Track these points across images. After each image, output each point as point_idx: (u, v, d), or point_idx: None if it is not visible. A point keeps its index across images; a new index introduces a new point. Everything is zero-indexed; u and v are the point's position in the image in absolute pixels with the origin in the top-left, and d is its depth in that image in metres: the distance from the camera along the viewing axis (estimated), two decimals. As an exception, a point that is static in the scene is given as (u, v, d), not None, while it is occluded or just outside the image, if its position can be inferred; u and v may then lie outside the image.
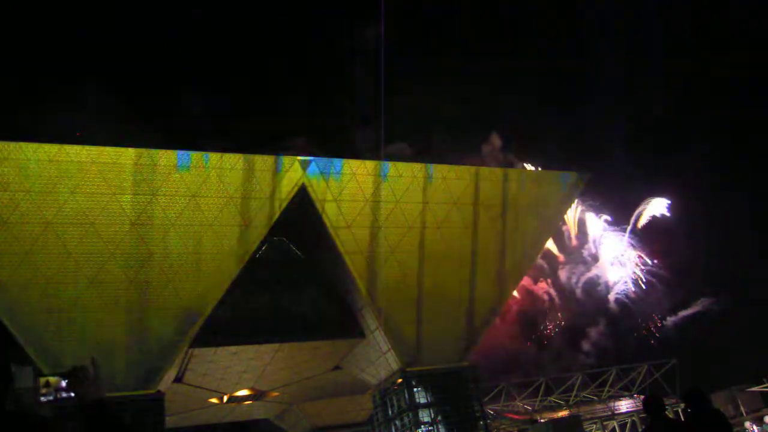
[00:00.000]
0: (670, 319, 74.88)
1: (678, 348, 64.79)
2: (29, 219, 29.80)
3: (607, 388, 60.33)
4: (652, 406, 8.37)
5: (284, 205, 34.72)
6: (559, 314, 75.41)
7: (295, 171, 34.87)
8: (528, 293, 74.49)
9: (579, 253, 75.00)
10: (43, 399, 3.19)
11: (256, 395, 47.93)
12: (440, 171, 38.41)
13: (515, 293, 62.11)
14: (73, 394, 3.21)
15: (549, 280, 74.86)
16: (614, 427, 62.54)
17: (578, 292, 75.94)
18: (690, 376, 57.70)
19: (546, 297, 75.09)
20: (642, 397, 50.35)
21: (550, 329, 74.70)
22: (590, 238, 74.67)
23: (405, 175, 37.47)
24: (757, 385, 53.80)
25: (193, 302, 33.43)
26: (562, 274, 76.66)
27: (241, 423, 56.34)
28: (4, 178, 29.24)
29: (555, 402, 59.74)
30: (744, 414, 54.17)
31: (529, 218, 41.24)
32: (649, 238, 75.65)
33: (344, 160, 36.53)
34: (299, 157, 35.22)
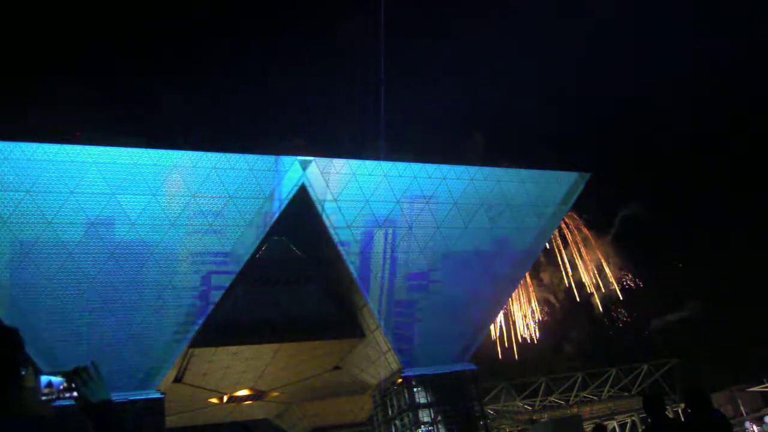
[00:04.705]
0: (661, 322, 74.93)
1: (678, 348, 64.85)
2: (29, 219, 29.79)
3: (607, 388, 60.34)
4: (652, 406, 8.37)
5: (284, 205, 34.72)
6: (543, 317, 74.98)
7: (295, 171, 34.86)
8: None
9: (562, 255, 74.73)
10: (44, 398, 3.18)
11: (256, 395, 47.91)
12: (440, 171, 38.40)
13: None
14: (76, 395, 3.21)
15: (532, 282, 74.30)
16: (614, 427, 62.57)
17: (561, 294, 75.78)
18: (690, 376, 57.78)
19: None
20: (642, 397, 50.31)
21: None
22: (572, 239, 74.41)
23: (405, 175, 37.46)
24: (757, 385, 53.85)
25: (193, 302, 33.43)
26: (545, 276, 76.46)
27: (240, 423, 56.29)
28: (4, 178, 29.24)
29: (555, 402, 59.76)
30: (744, 414, 54.21)
31: (529, 218, 41.23)
32: (632, 241, 75.73)
33: (344, 160, 36.53)
34: (299, 157, 35.22)
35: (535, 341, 71.32)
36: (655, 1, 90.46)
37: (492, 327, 66.77)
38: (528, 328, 71.30)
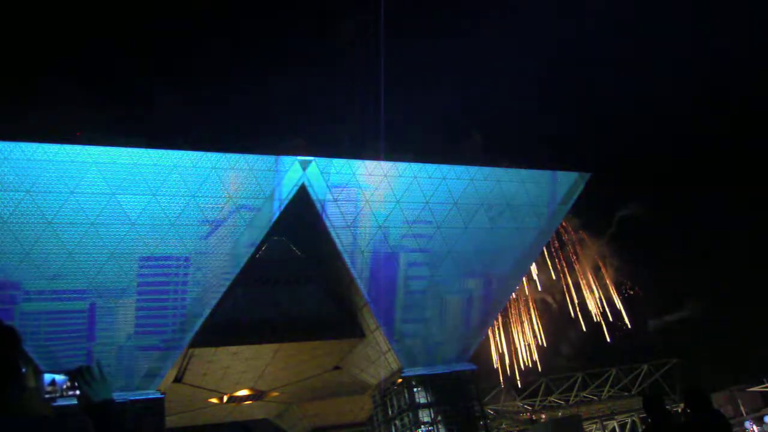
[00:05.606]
0: (661, 322, 74.76)
1: (678, 348, 64.81)
2: (29, 219, 29.79)
3: (607, 388, 60.36)
4: (652, 406, 8.36)
5: (284, 205, 34.72)
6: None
7: (295, 171, 34.87)
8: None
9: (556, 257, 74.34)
10: (47, 396, 3.19)
11: (256, 395, 47.92)
12: (440, 171, 38.40)
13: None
14: (78, 394, 3.22)
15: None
16: (614, 427, 62.60)
17: (558, 296, 75.42)
18: (690, 376, 57.76)
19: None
20: (642, 397, 50.29)
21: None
22: (567, 240, 74.08)
23: (405, 175, 37.46)
24: (757, 385, 53.87)
25: (193, 302, 33.43)
26: (544, 278, 76.09)
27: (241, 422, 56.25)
28: (4, 178, 29.23)
29: (555, 402, 59.78)
30: (744, 414, 54.22)
31: (529, 218, 41.23)
32: (631, 241, 75.46)
33: (344, 160, 36.53)
34: (299, 157, 35.23)
35: (539, 368, 70.90)
36: (655, 1, 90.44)
37: (493, 351, 66.58)
38: (530, 352, 70.72)
